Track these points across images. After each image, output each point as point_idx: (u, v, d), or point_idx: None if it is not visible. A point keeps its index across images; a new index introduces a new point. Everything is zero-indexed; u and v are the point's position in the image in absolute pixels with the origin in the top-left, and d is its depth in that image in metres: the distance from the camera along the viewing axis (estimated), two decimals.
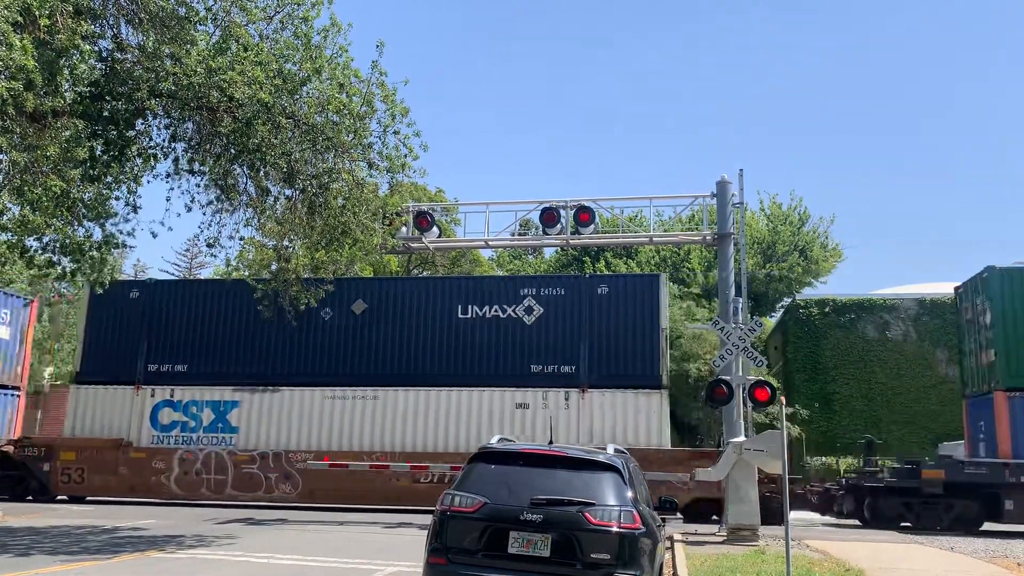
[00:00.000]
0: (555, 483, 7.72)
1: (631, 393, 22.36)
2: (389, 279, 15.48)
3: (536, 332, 23.26)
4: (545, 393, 22.74)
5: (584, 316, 23.18)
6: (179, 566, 11.86)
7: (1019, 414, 20.36)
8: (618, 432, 22.02)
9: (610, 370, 22.72)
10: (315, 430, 23.46)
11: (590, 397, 22.54)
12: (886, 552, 14.99)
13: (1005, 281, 21.51)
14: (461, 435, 22.80)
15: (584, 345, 22.94)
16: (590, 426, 22.31)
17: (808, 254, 42.73)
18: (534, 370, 22.98)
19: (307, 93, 14.78)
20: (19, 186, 13.84)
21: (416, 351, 23.79)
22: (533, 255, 52.32)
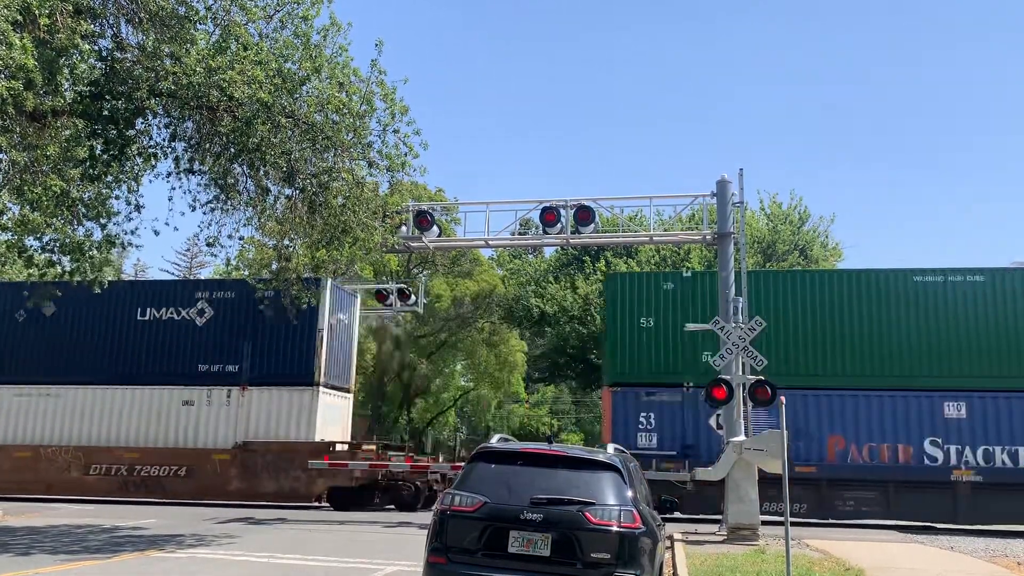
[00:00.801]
0: (555, 482, 7.72)
1: (286, 390, 24.16)
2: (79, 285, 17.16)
3: (206, 333, 25.01)
4: (210, 391, 24.52)
5: (249, 318, 24.82)
6: (179, 566, 11.86)
7: (619, 407, 21.98)
8: (271, 426, 24.04)
9: (269, 369, 24.46)
10: None
11: (250, 394, 24.32)
12: (886, 551, 14.99)
13: (617, 284, 23.43)
14: (131, 431, 24.68)
15: (247, 345, 24.68)
16: (247, 421, 24.15)
17: (808, 254, 42.74)
18: (201, 369, 24.70)
19: (307, 92, 14.77)
20: (19, 186, 13.85)
21: (97, 352, 25.46)
22: (533, 254, 52.31)
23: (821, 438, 21.29)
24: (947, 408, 20.93)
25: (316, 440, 23.69)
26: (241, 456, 23.70)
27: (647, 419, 21.75)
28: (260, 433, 24.04)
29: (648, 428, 21.74)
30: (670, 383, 21.99)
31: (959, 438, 20.80)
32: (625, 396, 22.06)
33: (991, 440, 20.57)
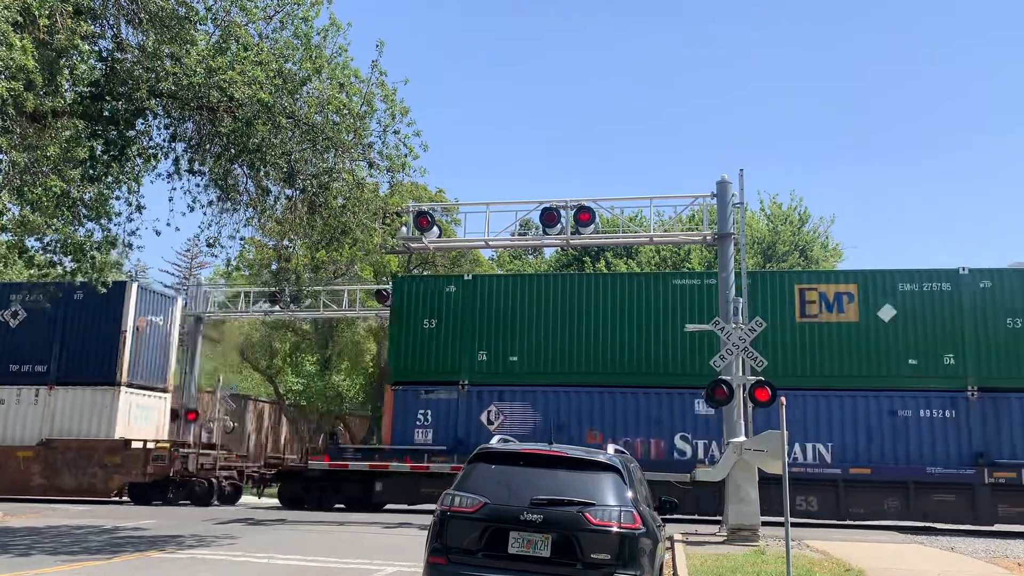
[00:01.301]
0: (555, 483, 7.72)
1: (90, 390, 25.10)
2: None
3: (19, 334, 25.79)
4: (20, 390, 25.37)
5: (60, 320, 25.60)
6: (180, 566, 11.86)
7: (400, 405, 23.03)
8: (75, 425, 24.93)
9: (75, 369, 25.32)
10: None
11: (56, 393, 25.19)
12: (886, 552, 14.99)
13: (404, 287, 24.67)
14: None
15: (56, 347, 25.62)
16: (52, 420, 25.05)
17: (808, 254, 42.76)
18: (12, 369, 25.54)
19: (307, 93, 14.78)
20: (19, 186, 13.85)
21: None
22: (533, 255, 52.35)
23: (580, 432, 22.15)
24: (698, 405, 21.68)
25: (116, 438, 24.50)
26: (44, 453, 24.33)
27: (424, 416, 22.89)
28: (64, 431, 24.87)
29: (425, 424, 22.87)
30: (448, 381, 23.05)
31: (707, 433, 21.69)
32: (406, 394, 23.18)
33: None
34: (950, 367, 21.12)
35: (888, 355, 21.47)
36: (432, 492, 21.01)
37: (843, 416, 21.35)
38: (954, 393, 21.04)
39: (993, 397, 20.83)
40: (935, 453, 20.74)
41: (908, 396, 21.19)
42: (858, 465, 20.86)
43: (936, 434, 20.74)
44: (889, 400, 21.20)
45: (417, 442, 22.64)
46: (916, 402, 21.11)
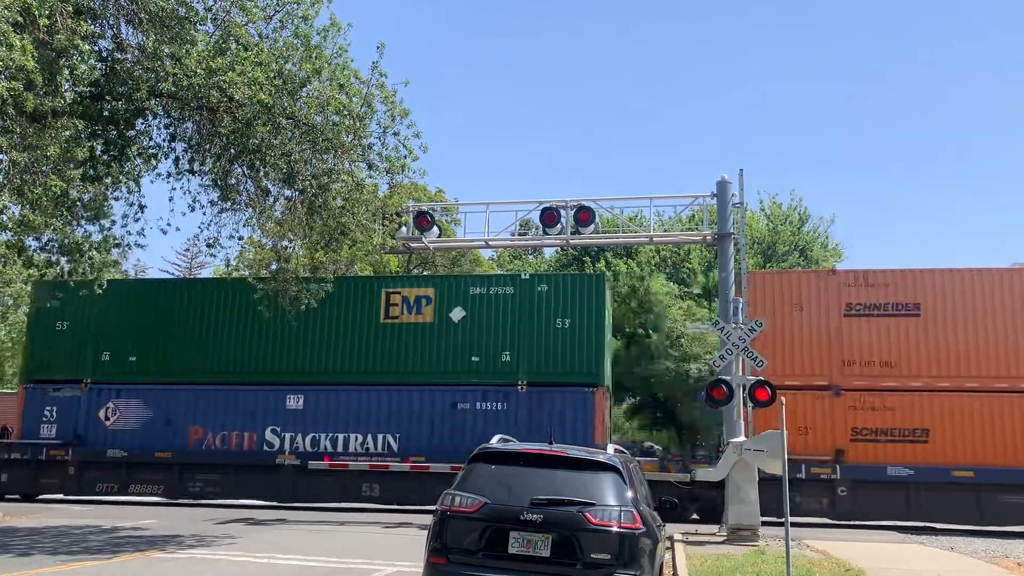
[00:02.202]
0: (555, 483, 7.72)
1: None
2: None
3: None
4: None
5: None
6: (180, 566, 11.86)
7: (30, 402, 24.45)
8: None
9: None
10: None
11: None
12: (886, 552, 15.00)
13: (41, 291, 25.11)
14: None
15: None
16: None
17: (808, 254, 42.79)
18: None
19: (307, 94, 14.78)
20: (19, 186, 13.85)
21: None
22: (533, 255, 52.38)
23: (184, 427, 23.64)
24: (289, 400, 23.34)
25: None
26: None
27: (51, 412, 24.30)
28: None
29: (51, 420, 24.32)
30: (74, 380, 24.38)
31: (294, 427, 23.23)
32: (35, 392, 24.52)
33: (319, 428, 23.14)
34: (506, 363, 22.69)
35: (455, 353, 23.03)
36: None
37: (411, 409, 22.91)
38: (508, 387, 22.51)
39: (540, 391, 22.31)
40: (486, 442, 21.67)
41: (469, 390, 22.71)
42: (418, 455, 22.51)
43: (488, 425, 21.95)
44: (452, 394, 22.75)
45: (43, 436, 24.15)
46: (475, 395, 22.68)
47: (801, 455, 20.58)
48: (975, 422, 20.61)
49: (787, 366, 21.34)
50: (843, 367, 21.38)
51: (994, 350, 20.98)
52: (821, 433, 21.09)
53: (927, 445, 20.68)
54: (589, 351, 22.36)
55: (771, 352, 20.56)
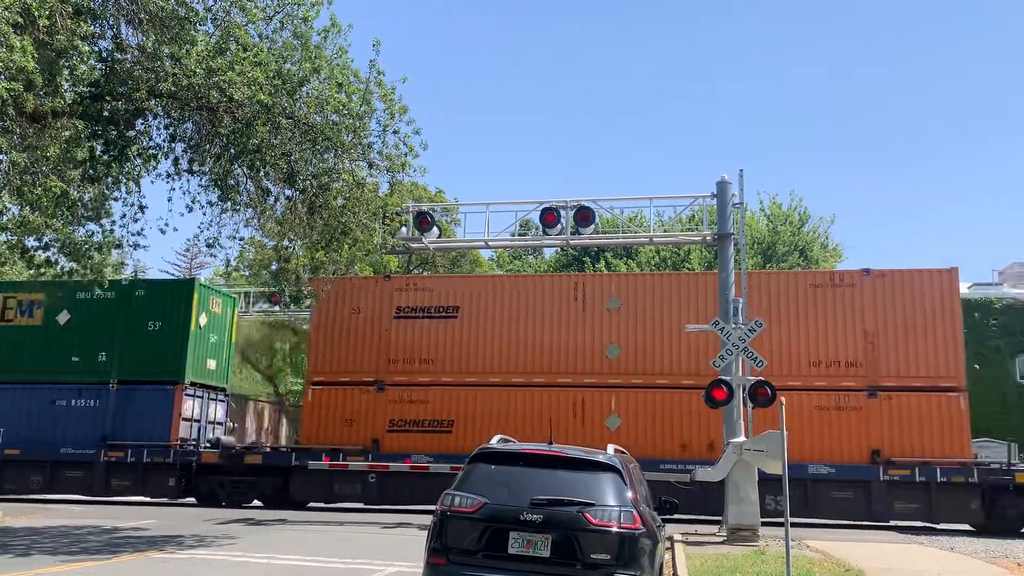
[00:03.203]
0: (555, 483, 7.72)
1: None
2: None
3: None
4: None
5: None
6: (179, 566, 11.86)
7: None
8: None
9: None
10: None
11: None
12: (886, 552, 15.00)
13: None
14: None
15: None
16: None
17: (808, 254, 42.75)
18: None
19: (306, 93, 14.78)
20: (19, 186, 13.86)
21: None
22: (533, 255, 52.39)
23: None
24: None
25: None
26: None
27: None
28: None
29: None
30: None
31: None
32: None
33: None
34: (102, 363, 24.23)
35: (59, 353, 24.48)
36: None
37: (23, 406, 24.18)
38: (100, 385, 24.07)
39: (129, 388, 23.95)
40: (76, 436, 23.78)
41: (67, 388, 24.25)
42: (15, 447, 23.77)
43: (81, 420, 23.87)
44: (52, 391, 24.23)
45: None
46: (71, 392, 24.19)
47: (343, 445, 22.87)
48: (494, 413, 22.55)
49: (343, 363, 23.69)
50: (389, 364, 23.47)
51: (531, 348, 22.99)
52: (364, 425, 23.07)
53: (451, 435, 22.61)
54: (174, 351, 24.02)
55: (330, 351, 23.71)
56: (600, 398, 22.35)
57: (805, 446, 20.82)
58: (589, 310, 22.93)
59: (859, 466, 20.87)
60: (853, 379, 21.51)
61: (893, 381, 21.41)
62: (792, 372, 21.47)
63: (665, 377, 22.19)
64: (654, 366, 22.37)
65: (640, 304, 22.76)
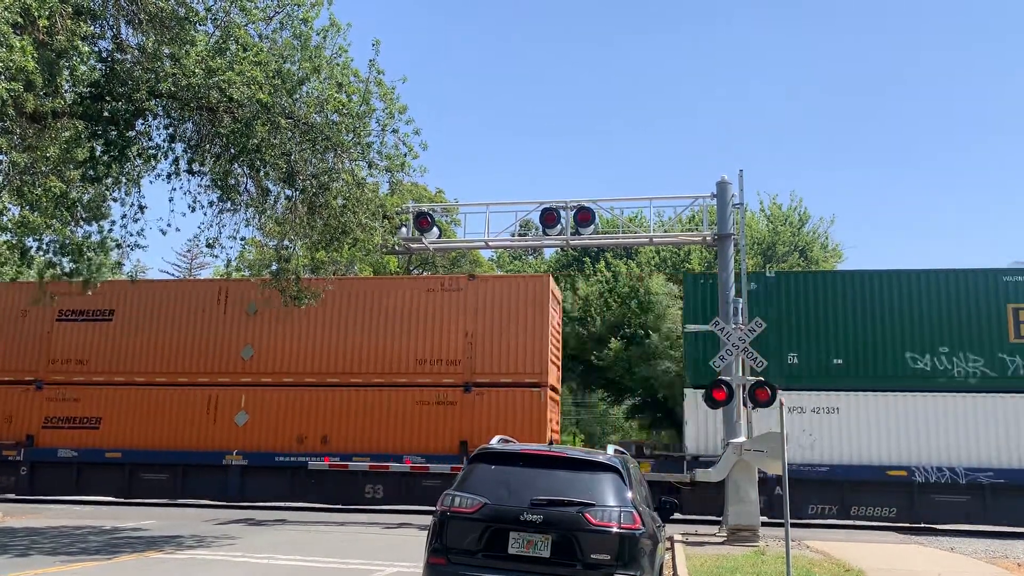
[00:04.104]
0: (555, 483, 7.72)
1: None
2: None
3: None
4: None
5: None
6: (179, 567, 11.86)
7: None
8: None
9: None
10: None
11: None
12: (886, 552, 15.00)
13: None
14: None
15: None
16: None
17: (808, 254, 42.70)
18: None
19: (306, 93, 14.77)
20: (19, 187, 13.84)
21: None
22: (533, 256, 52.39)
23: None
24: None
25: None
26: None
27: None
28: None
29: None
30: None
31: None
32: None
33: None
34: None
35: None
36: None
37: None
38: None
39: None
40: None
41: None
42: None
43: None
44: None
45: None
46: None
47: (3, 440, 24.32)
48: (140, 412, 24.02)
49: (7, 363, 24.90)
50: (49, 364, 24.79)
51: (175, 349, 24.40)
52: (22, 421, 24.41)
53: (98, 431, 24.05)
54: None
55: None
56: (232, 395, 23.88)
57: (405, 438, 22.86)
58: (230, 314, 24.47)
59: (449, 455, 22.36)
60: (453, 376, 23.15)
61: (487, 378, 23.00)
62: (400, 369, 23.38)
63: (291, 376, 23.81)
64: (283, 366, 23.94)
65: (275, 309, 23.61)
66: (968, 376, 21.23)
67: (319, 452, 22.85)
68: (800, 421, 21.39)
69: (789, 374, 21.66)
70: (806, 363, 22.08)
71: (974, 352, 21.33)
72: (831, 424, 21.50)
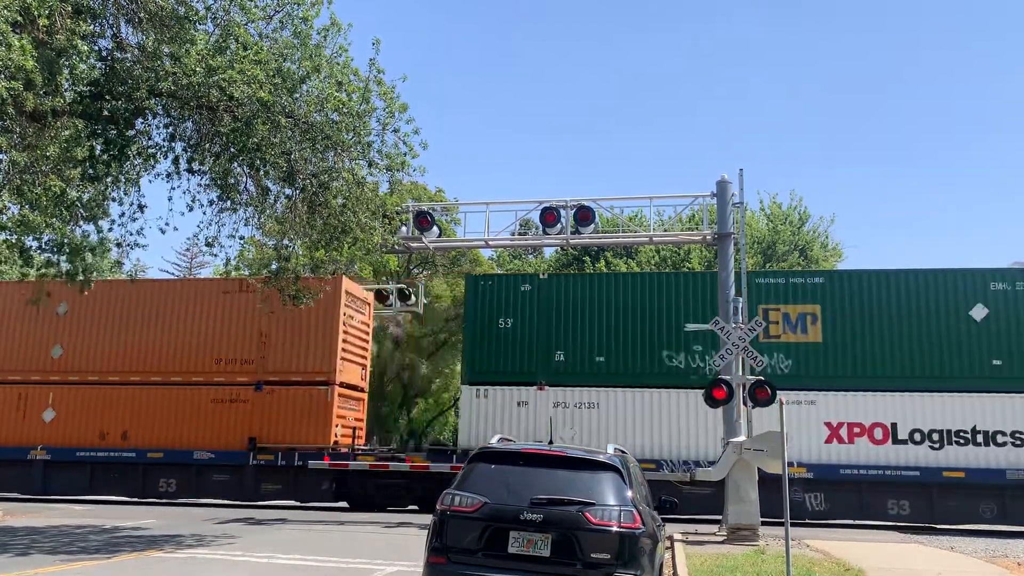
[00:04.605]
0: (555, 483, 7.72)
1: None
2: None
3: None
4: None
5: None
6: (179, 566, 11.85)
7: None
8: None
9: None
10: None
11: None
12: (886, 552, 14.99)
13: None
14: None
15: None
16: None
17: (808, 254, 42.72)
18: None
19: (306, 91, 14.76)
20: (19, 186, 13.83)
21: None
22: (533, 255, 52.35)
23: None
24: None
25: None
26: None
27: None
28: None
29: None
30: None
31: None
32: None
33: None
34: None
35: None
36: None
37: None
38: None
39: None
40: None
41: None
42: None
43: None
44: None
45: None
46: None
47: None
48: None
49: None
50: None
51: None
52: None
53: None
54: None
55: None
56: (41, 393, 24.89)
57: (196, 435, 23.76)
58: (43, 314, 24.84)
59: (236, 452, 23.32)
60: (246, 375, 24.06)
61: (278, 376, 23.89)
62: (198, 368, 24.31)
63: (96, 374, 24.77)
64: (90, 365, 24.86)
65: (89, 310, 25.11)
66: None
67: (120, 448, 24.13)
68: (564, 415, 22.55)
69: (556, 371, 22.97)
70: (571, 360, 23.06)
71: None
72: (592, 418, 22.48)
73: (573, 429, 22.36)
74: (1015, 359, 21.38)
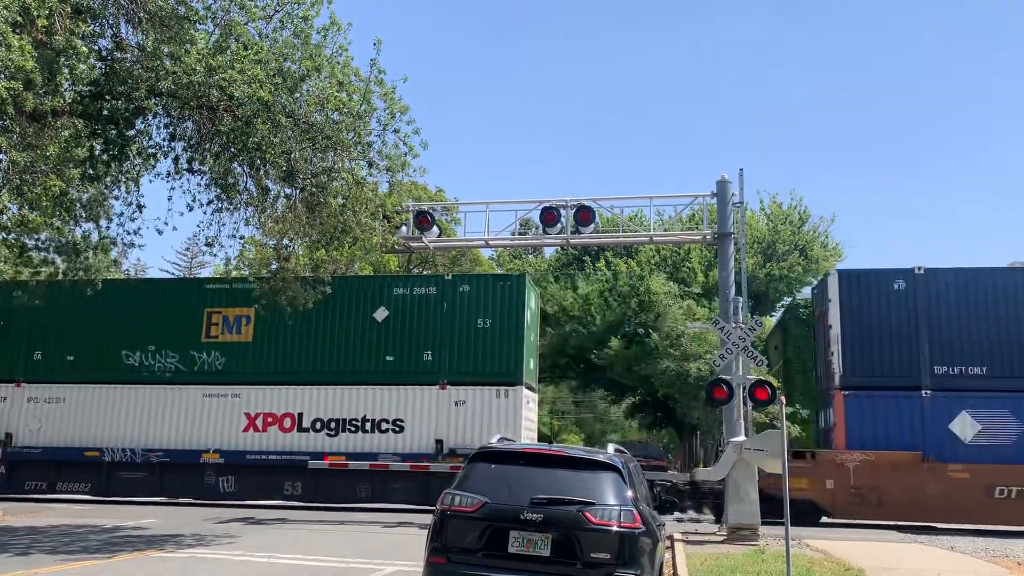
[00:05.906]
0: (555, 482, 7.72)
1: None
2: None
3: None
4: None
5: None
6: (179, 566, 11.85)
7: None
8: None
9: None
10: None
11: None
12: (886, 551, 14.99)
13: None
14: None
15: None
16: None
17: (808, 253, 42.68)
18: None
19: (306, 91, 14.76)
20: (19, 185, 13.84)
21: None
22: (533, 254, 52.36)
23: None
24: None
25: None
26: None
27: None
28: None
29: None
30: None
31: None
32: None
33: None
34: None
35: None
36: None
37: None
38: None
39: None
40: None
41: None
42: None
43: None
44: None
45: None
46: None
47: None
48: None
49: None
50: None
51: None
52: None
53: None
54: None
55: None
56: None
57: None
58: None
59: None
60: None
61: None
62: None
63: None
64: None
65: None
66: (166, 370, 24.42)
67: None
68: (34, 409, 24.56)
69: (33, 369, 24.86)
70: (47, 359, 24.88)
71: (173, 350, 24.47)
72: (57, 412, 24.45)
73: (40, 422, 24.41)
74: (404, 355, 23.61)
